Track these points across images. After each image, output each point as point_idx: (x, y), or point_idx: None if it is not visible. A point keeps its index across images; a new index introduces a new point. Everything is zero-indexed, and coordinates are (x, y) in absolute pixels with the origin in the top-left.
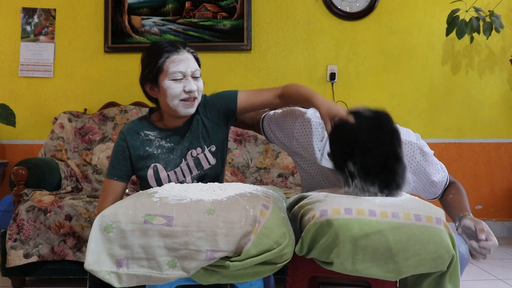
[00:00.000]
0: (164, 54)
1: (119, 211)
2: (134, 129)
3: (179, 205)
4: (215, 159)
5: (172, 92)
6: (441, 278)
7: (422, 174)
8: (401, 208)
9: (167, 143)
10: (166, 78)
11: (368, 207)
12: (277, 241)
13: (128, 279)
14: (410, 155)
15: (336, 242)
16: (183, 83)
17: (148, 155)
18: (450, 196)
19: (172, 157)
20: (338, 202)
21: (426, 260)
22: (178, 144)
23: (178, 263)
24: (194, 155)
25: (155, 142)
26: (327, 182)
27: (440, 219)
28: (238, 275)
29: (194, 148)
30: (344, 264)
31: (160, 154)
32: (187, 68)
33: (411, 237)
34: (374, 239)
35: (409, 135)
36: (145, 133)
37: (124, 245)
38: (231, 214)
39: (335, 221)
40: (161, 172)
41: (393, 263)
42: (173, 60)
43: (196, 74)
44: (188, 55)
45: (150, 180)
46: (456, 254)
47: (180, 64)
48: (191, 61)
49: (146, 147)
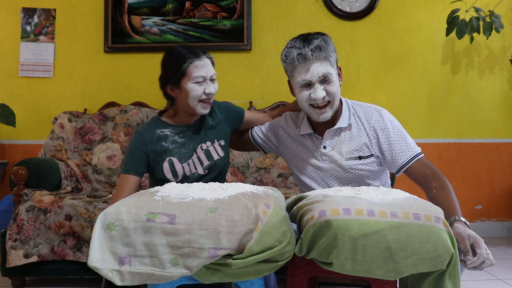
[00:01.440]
0: (188, 60)
1: (122, 209)
2: (150, 128)
3: (182, 203)
4: (224, 152)
5: (195, 94)
6: (441, 277)
7: (382, 132)
8: (400, 208)
9: (180, 138)
10: (189, 82)
11: (367, 207)
12: (278, 239)
13: (130, 277)
14: (368, 114)
15: (336, 243)
16: (203, 86)
17: (164, 150)
18: (434, 192)
19: (184, 151)
20: (336, 202)
21: (426, 259)
22: (189, 139)
23: (181, 261)
24: (204, 148)
25: (169, 137)
26: (309, 153)
27: (439, 218)
28: (239, 273)
29: (204, 142)
30: (344, 264)
31: (174, 148)
32: (207, 73)
33: (410, 236)
34: (373, 239)
35: (371, 104)
36: (161, 131)
37: (126, 243)
38: (233, 213)
39: (334, 222)
40: (176, 164)
41: (392, 263)
42: (196, 66)
43: (213, 77)
44: (207, 61)
45: (166, 172)
46: (456, 253)
47: (202, 69)
48: (210, 66)
49: (162, 142)
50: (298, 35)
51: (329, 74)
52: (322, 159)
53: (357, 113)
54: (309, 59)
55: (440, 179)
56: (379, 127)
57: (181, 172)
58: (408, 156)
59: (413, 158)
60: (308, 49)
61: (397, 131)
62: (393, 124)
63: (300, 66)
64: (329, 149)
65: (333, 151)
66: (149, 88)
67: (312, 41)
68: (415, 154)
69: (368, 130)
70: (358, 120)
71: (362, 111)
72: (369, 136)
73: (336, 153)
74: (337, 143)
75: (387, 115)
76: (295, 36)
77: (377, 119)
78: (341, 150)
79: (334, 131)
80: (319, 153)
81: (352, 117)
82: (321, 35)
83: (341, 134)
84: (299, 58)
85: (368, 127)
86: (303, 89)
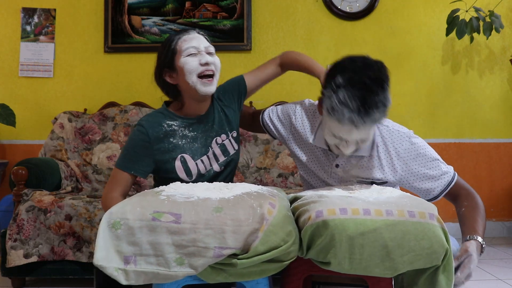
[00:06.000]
0: (176, 37)
1: (127, 208)
2: (155, 120)
3: (187, 203)
4: (237, 144)
5: (189, 67)
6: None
7: (413, 163)
8: (395, 206)
9: (190, 132)
10: (181, 57)
11: (363, 206)
12: (283, 238)
13: (136, 276)
14: (398, 143)
15: (333, 243)
16: (198, 57)
17: (174, 146)
18: (463, 210)
19: (196, 146)
20: (332, 202)
21: (421, 255)
22: (201, 133)
23: (186, 260)
24: (220, 142)
25: (178, 132)
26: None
27: (433, 215)
28: (245, 273)
29: (219, 135)
30: (342, 263)
31: (185, 144)
32: (200, 43)
33: (405, 233)
34: (370, 238)
35: (399, 127)
36: (168, 124)
37: (132, 242)
38: (238, 212)
39: (330, 222)
40: (189, 162)
41: (389, 260)
42: (184, 39)
43: (210, 49)
44: (197, 35)
45: (179, 171)
46: (449, 248)
47: (192, 41)
48: (202, 39)
49: (170, 138)
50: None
51: (368, 138)
52: (331, 176)
53: (384, 139)
54: (359, 126)
55: (473, 200)
56: (411, 157)
57: (195, 170)
58: (441, 186)
59: (448, 185)
60: (363, 120)
61: (429, 160)
62: (426, 152)
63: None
64: (341, 169)
65: (345, 173)
66: (149, 88)
67: (372, 113)
68: (448, 182)
69: (396, 161)
70: (384, 149)
71: (390, 137)
72: (395, 168)
73: (348, 176)
74: (352, 167)
75: (419, 142)
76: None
77: (407, 148)
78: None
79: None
80: (330, 169)
81: (376, 147)
82: (382, 91)
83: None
84: (350, 121)
85: (397, 158)
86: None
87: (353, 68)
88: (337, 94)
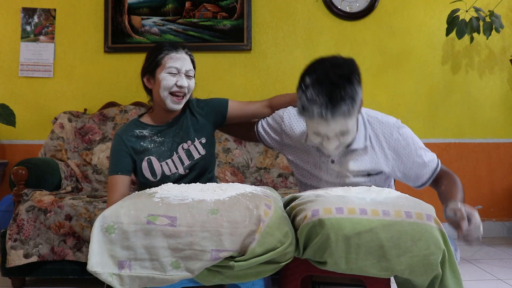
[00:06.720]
0: (164, 51)
1: (121, 211)
2: (128, 129)
3: (182, 205)
4: (205, 150)
5: (165, 83)
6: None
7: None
8: (391, 206)
9: (158, 137)
10: (162, 71)
11: (359, 205)
12: (280, 240)
13: (131, 281)
14: (388, 133)
15: (329, 242)
16: (176, 78)
17: (143, 149)
18: (443, 187)
19: (163, 149)
20: (329, 201)
21: (418, 256)
22: (168, 138)
23: (182, 263)
24: (185, 147)
25: (148, 138)
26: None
27: (431, 216)
28: (241, 275)
29: (185, 141)
30: (338, 263)
31: (153, 147)
32: (182, 66)
33: (402, 234)
34: (366, 237)
35: (388, 117)
36: (139, 131)
37: (126, 246)
38: (234, 214)
39: (326, 221)
40: (155, 163)
41: (385, 261)
42: (171, 57)
43: (189, 73)
44: (185, 56)
45: (144, 171)
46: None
47: (177, 61)
48: (187, 61)
49: (141, 142)
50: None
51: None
52: (328, 173)
53: (375, 130)
54: (329, 120)
55: (451, 178)
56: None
57: (159, 171)
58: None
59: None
60: (331, 112)
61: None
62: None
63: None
64: (337, 164)
65: (341, 167)
66: None
67: (338, 106)
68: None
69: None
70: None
71: (381, 128)
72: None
73: (344, 170)
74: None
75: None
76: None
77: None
78: (351, 168)
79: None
80: (326, 166)
81: (369, 138)
82: (349, 85)
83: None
84: (319, 116)
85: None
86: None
87: (322, 67)
88: (306, 93)
